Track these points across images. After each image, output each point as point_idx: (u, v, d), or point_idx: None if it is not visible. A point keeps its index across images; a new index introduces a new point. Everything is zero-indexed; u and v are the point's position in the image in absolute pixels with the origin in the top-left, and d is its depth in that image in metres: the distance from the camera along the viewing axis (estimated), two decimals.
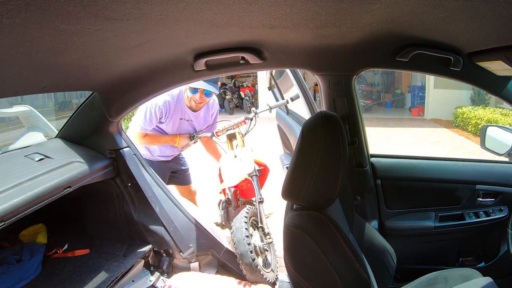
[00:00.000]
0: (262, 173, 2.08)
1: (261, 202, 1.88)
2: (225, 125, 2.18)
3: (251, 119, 2.18)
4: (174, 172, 2.38)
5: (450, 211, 1.51)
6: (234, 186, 1.98)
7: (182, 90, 2.03)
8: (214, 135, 2.14)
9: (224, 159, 2.02)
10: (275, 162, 2.39)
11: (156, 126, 2.08)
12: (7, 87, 1.05)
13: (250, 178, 1.93)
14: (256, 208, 1.88)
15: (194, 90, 1.94)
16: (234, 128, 2.15)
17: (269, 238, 1.85)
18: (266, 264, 1.81)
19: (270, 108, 2.21)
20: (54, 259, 1.67)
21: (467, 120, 7.51)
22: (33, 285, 1.47)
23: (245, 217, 1.73)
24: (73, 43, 0.80)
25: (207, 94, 1.98)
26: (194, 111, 2.09)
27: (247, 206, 1.87)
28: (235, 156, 1.97)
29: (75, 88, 1.38)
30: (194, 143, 2.14)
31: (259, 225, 1.86)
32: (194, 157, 2.70)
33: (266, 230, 1.86)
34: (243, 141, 2.12)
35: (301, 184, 0.83)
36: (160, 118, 2.01)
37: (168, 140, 2.11)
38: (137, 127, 2.01)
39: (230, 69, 1.26)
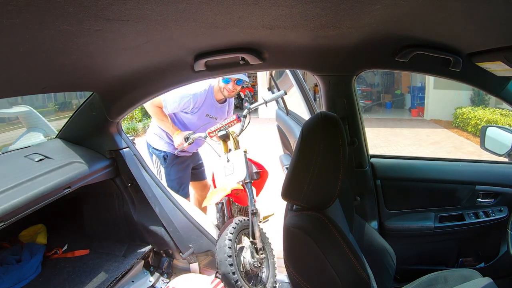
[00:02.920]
0: (260, 175, 1.93)
1: (254, 213, 1.71)
2: (217, 125, 2.00)
3: (245, 116, 1.98)
4: (194, 169, 2.43)
5: (450, 212, 1.51)
6: (228, 195, 1.80)
7: (212, 85, 2.11)
8: (207, 136, 2.00)
9: (217, 164, 1.90)
10: (275, 163, 2.39)
11: (183, 113, 2.14)
12: (7, 87, 1.05)
13: (243, 185, 1.76)
14: (249, 220, 1.72)
15: (227, 80, 2.05)
16: (226, 128, 1.95)
17: (261, 254, 1.70)
18: (258, 281, 1.70)
19: (266, 102, 2.04)
20: (54, 259, 1.67)
21: (467, 121, 7.51)
22: (32, 285, 1.47)
23: (231, 233, 1.61)
24: (73, 43, 0.80)
25: (239, 82, 2.07)
26: (221, 103, 2.19)
27: (236, 219, 1.71)
28: (228, 161, 1.85)
29: (75, 88, 1.38)
30: (189, 145, 2.04)
31: (251, 239, 1.70)
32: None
33: (259, 245, 1.70)
34: (236, 142, 1.96)
35: (301, 185, 0.83)
36: (184, 108, 2.09)
37: (169, 127, 2.13)
38: (160, 100, 2.06)
39: (230, 70, 1.26)
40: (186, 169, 2.32)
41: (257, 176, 1.90)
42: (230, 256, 1.53)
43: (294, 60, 1.24)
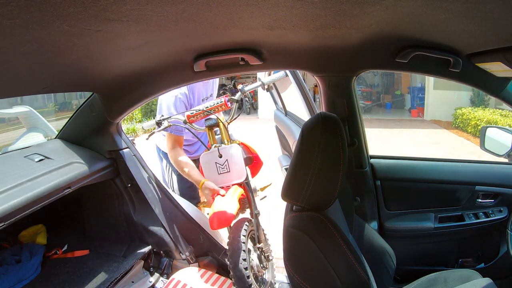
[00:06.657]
0: (254, 160, 1.71)
1: (257, 215, 1.63)
2: (199, 106, 1.65)
3: (237, 101, 1.63)
4: None
5: (449, 212, 1.51)
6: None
7: None
8: (186, 121, 1.64)
9: (207, 157, 1.61)
10: (274, 163, 2.38)
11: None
12: (8, 87, 1.05)
13: (244, 187, 1.63)
14: (253, 224, 1.63)
15: None
16: (213, 113, 1.61)
17: (269, 257, 1.69)
18: (262, 282, 1.67)
19: (264, 84, 1.73)
20: (54, 259, 1.67)
21: (467, 121, 7.52)
22: (32, 286, 1.47)
23: (244, 236, 1.51)
24: (73, 44, 0.80)
25: None
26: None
27: (245, 224, 1.57)
28: (221, 156, 1.58)
29: (76, 88, 1.38)
30: (163, 129, 1.64)
31: (257, 245, 1.64)
32: None
33: (265, 249, 1.67)
34: (227, 132, 1.65)
35: (301, 185, 0.83)
36: (187, 104, 1.78)
37: (196, 172, 1.71)
38: (171, 132, 1.70)
39: (230, 70, 1.26)
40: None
41: (249, 161, 1.67)
42: (245, 260, 1.47)
43: (294, 61, 1.24)
